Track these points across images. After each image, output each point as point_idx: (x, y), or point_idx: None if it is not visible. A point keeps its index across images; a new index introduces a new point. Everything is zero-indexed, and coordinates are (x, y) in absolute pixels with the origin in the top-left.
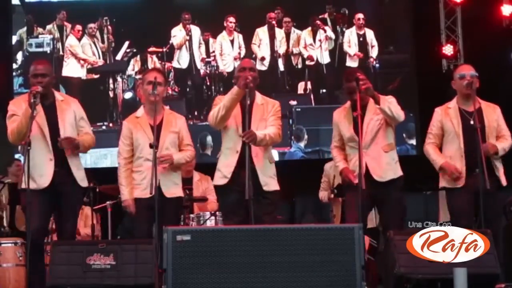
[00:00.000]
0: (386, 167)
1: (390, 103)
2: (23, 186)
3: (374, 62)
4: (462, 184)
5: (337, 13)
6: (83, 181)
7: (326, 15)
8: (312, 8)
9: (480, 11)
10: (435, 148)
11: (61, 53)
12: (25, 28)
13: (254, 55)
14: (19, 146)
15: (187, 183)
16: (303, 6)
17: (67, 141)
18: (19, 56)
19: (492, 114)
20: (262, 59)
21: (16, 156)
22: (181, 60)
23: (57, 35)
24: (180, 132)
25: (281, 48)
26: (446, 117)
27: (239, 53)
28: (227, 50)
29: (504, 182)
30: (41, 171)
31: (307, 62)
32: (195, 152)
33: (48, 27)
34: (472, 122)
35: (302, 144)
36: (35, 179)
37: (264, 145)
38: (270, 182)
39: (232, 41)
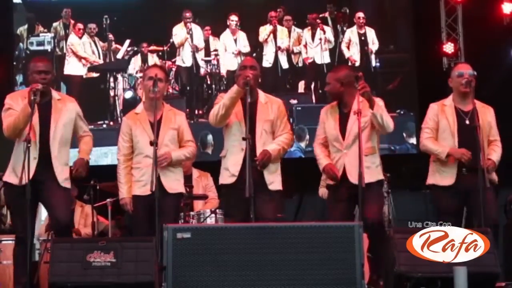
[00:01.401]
0: (364, 170)
1: (383, 111)
2: (5, 179)
3: (375, 61)
4: (453, 183)
5: (337, 12)
6: (65, 182)
7: (326, 14)
8: (313, 7)
9: (480, 9)
10: (434, 140)
11: (64, 51)
12: (26, 26)
13: (255, 54)
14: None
15: (186, 180)
16: (304, 4)
17: (79, 167)
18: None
19: (486, 114)
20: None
21: None
22: (185, 58)
23: (62, 33)
24: (180, 128)
25: (283, 44)
26: (442, 114)
27: (240, 51)
28: (230, 49)
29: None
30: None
31: (307, 61)
32: (196, 148)
33: (55, 24)
34: (467, 122)
35: (303, 144)
36: (17, 174)
37: (279, 157)
38: (275, 180)
39: (235, 40)
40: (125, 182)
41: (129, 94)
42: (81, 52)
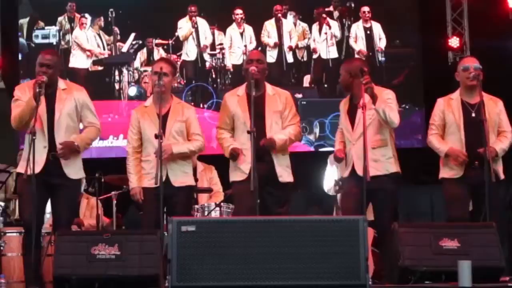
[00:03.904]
0: (371, 162)
1: (386, 106)
2: (18, 170)
3: (381, 56)
4: (461, 175)
5: (342, 7)
6: (75, 174)
7: (331, 8)
8: (318, 1)
9: (486, 3)
10: (438, 137)
11: (70, 44)
12: (27, 19)
13: (261, 48)
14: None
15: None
16: None
17: (66, 148)
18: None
19: (494, 107)
20: (275, 45)
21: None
22: (190, 52)
23: (68, 27)
24: (187, 121)
25: (292, 41)
26: (448, 108)
27: (246, 46)
28: (236, 43)
29: (501, 176)
30: (35, 157)
31: (313, 56)
32: (203, 142)
33: (60, 18)
34: (473, 115)
35: (312, 137)
36: (30, 165)
37: (285, 148)
38: (284, 173)
39: (241, 34)
40: (135, 173)
41: (133, 91)
42: (86, 45)
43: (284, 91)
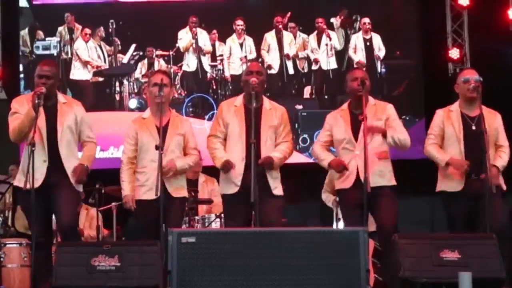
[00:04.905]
0: (377, 173)
1: (395, 131)
2: (16, 183)
3: (381, 67)
4: (461, 189)
5: (344, 18)
6: (77, 184)
7: (332, 20)
8: (319, 12)
9: (486, 14)
10: (437, 147)
11: (69, 55)
12: (26, 30)
13: (261, 59)
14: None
15: (192, 185)
16: (310, 10)
17: (79, 174)
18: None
19: (494, 120)
20: (269, 67)
21: None
22: (190, 63)
23: (67, 37)
24: (185, 135)
25: (291, 51)
26: (448, 120)
27: (246, 57)
28: (236, 53)
29: (503, 186)
30: (35, 171)
31: (313, 67)
32: (199, 157)
33: (59, 29)
34: (474, 128)
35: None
36: (29, 178)
37: (279, 166)
38: (277, 186)
39: (241, 44)
40: (128, 182)
41: (133, 104)
42: (85, 57)
43: (281, 106)
